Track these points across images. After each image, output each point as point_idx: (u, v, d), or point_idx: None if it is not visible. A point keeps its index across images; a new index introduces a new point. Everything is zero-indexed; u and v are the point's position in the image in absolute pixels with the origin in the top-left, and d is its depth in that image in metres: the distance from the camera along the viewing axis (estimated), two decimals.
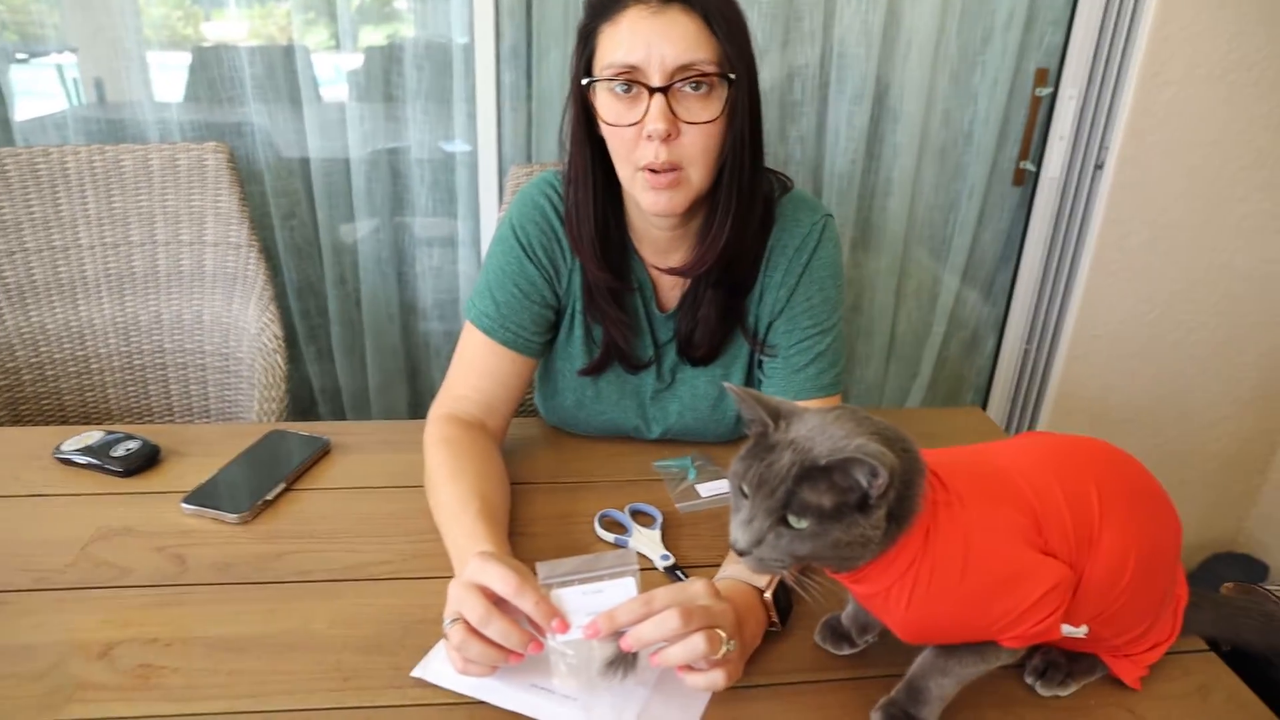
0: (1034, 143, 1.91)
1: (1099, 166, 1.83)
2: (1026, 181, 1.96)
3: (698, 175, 0.94)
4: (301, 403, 2.04)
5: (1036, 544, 0.70)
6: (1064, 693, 0.79)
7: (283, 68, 1.76)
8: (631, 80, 0.91)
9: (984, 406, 2.18)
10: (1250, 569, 2.15)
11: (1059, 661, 0.80)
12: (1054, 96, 1.87)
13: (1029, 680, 0.80)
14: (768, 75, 1.78)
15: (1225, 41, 1.70)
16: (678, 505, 1.05)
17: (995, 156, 1.92)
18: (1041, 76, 1.86)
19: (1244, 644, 0.89)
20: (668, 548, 0.96)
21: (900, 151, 1.88)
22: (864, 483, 0.61)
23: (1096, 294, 1.91)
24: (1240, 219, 1.87)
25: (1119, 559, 0.72)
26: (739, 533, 0.65)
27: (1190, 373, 2.02)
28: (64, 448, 1.08)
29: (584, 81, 0.95)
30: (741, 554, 0.66)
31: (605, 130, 0.95)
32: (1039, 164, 1.92)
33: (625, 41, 0.90)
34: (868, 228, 1.97)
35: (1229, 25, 1.69)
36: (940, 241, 2.01)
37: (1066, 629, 0.73)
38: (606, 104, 0.94)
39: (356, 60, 1.78)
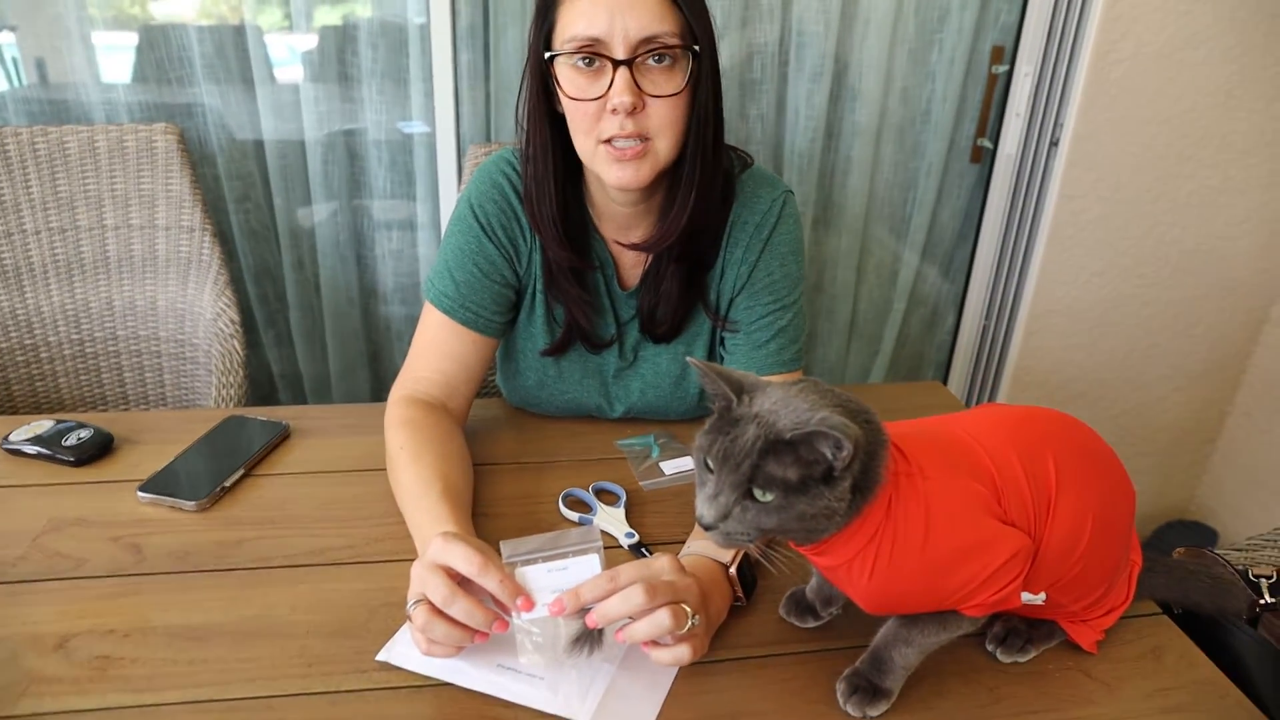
0: (991, 120, 1.93)
1: (1054, 143, 1.85)
2: (984, 159, 1.98)
3: (664, 147, 0.94)
4: (261, 389, 2.01)
5: (996, 513, 0.71)
6: (1023, 658, 0.81)
7: (234, 47, 1.72)
8: (594, 53, 0.90)
9: (944, 381, 2.21)
10: (1201, 536, 2.22)
11: (1019, 628, 0.82)
12: (1010, 74, 1.89)
13: (990, 647, 0.82)
14: (727, 54, 1.77)
15: (1174, 20, 1.73)
16: (641, 483, 1.05)
17: (953, 134, 1.94)
18: (997, 54, 1.88)
19: (1194, 606, 0.91)
20: (632, 525, 0.97)
21: (859, 130, 1.89)
22: (829, 455, 0.61)
23: (1052, 269, 1.94)
24: (1189, 194, 1.91)
25: (1076, 526, 0.73)
26: (705, 507, 0.65)
27: (1143, 346, 2.06)
28: (12, 438, 1.05)
29: (546, 56, 0.94)
30: (708, 528, 0.66)
31: (566, 105, 0.94)
32: (996, 141, 1.94)
33: (587, 14, 0.89)
34: (828, 206, 1.98)
35: (1177, 4, 1.71)
36: (900, 219, 2.03)
37: (1025, 596, 0.74)
38: (568, 78, 0.93)
39: (311, 40, 1.74)
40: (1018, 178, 1.94)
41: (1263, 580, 0.95)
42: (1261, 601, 0.93)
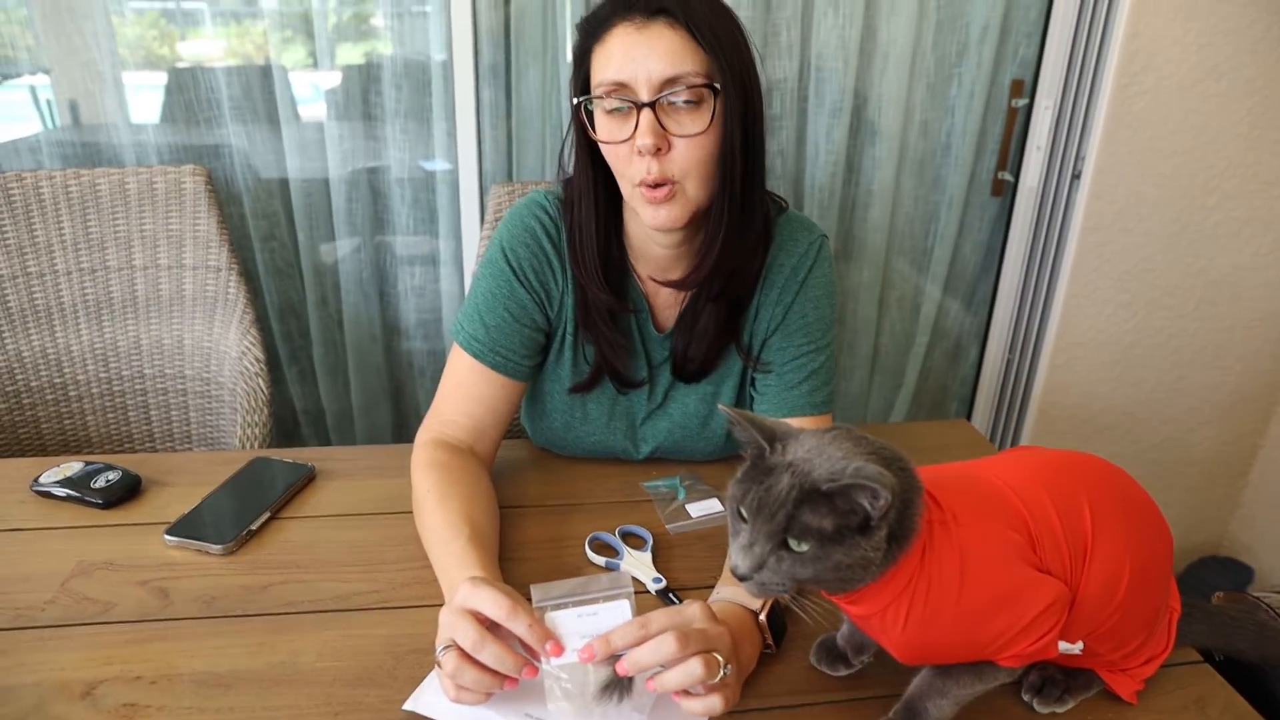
0: (1011, 153, 1.93)
1: (1076, 176, 1.84)
2: (1005, 192, 1.98)
3: (693, 188, 0.94)
4: (285, 425, 2.02)
5: (1032, 561, 0.70)
6: (1061, 709, 0.79)
7: (260, 88, 1.75)
8: (622, 97, 0.91)
9: (968, 416, 2.19)
10: (1235, 572, 2.17)
11: (1056, 678, 0.80)
12: (1030, 107, 1.89)
13: (1026, 697, 0.80)
14: None
15: (1195, 52, 1.72)
16: (668, 526, 1.04)
17: (974, 167, 1.94)
18: (1017, 88, 1.88)
19: (1237, 654, 0.89)
20: (659, 570, 0.96)
21: (880, 164, 1.89)
22: (867, 506, 0.61)
23: (1076, 302, 1.93)
24: (1214, 225, 1.89)
25: (1113, 574, 0.72)
26: (740, 558, 0.65)
27: (1171, 378, 2.04)
28: (42, 480, 1.06)
29: (575, 101, 0.95)
30: (742, 579, 0.65)
31: (603, 148, 0.96)
32: (1017, 174, 1.94)
33: (614, 59, 0.91)
34: (849, 240, 1.98)
35: (1198, 36, 1.71)
36: (921, 253, 2.03)
37: (1062, 646, 0.72)
38: (601, 122, 0.95)
39: (335, 79, 1.77)
40: (1039, 210, 1.93)
41: None
42: None
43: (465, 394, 1.06)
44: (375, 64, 1.76)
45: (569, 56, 1.44)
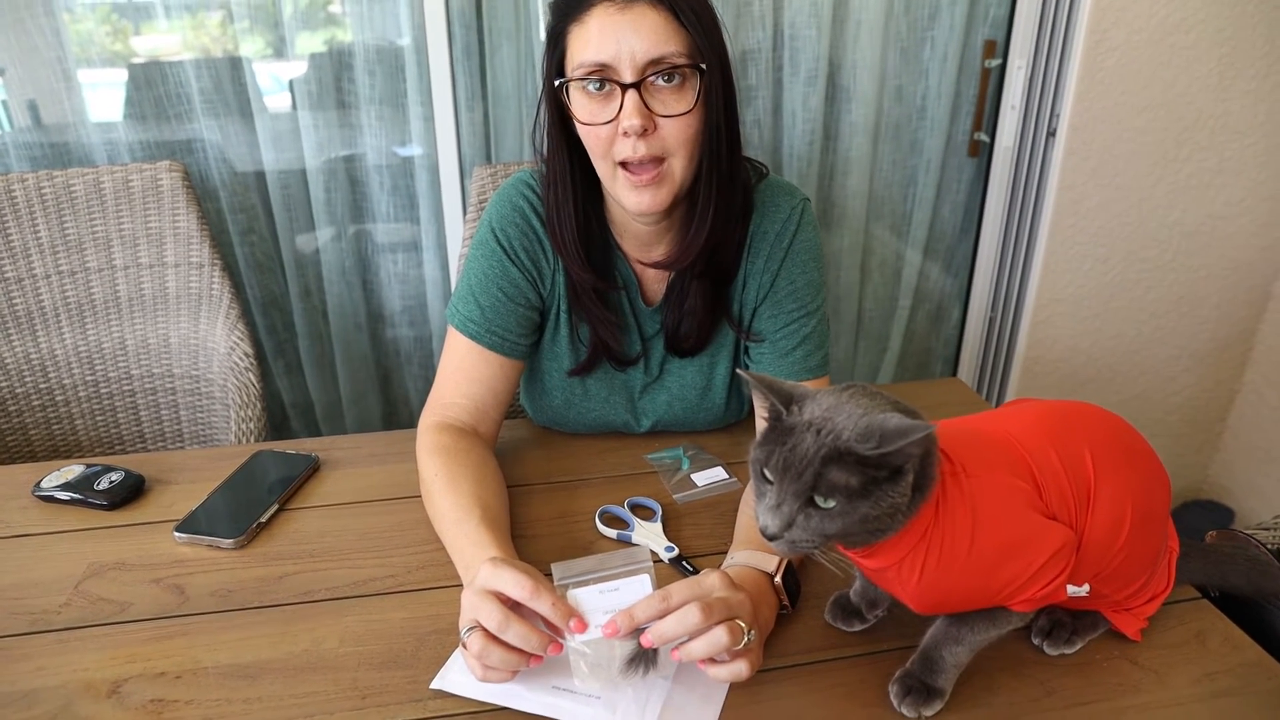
0: (986, 114, 1.95)
1: (1051, 134, 1.86)
2: (981, 153, 1.99)
3: (679, 167, 0.94)
4: (274, 418, 2.01)
5: (1039, 508, 0.72)
6: (1070, 650, 0.82)
7: (230, 80, 1.72)
8: (603, 78, 0.91)
9: (954, 376, 2.22)
10: (1218, 515, 2.23)
11: (1063, 620, 0.83)
12: (1003, 68, 1.90)
13: (1036, 641, 0.82)
14: None
15: (1163, 5, 1.74)
16: (675, 496, 1.05)
17: (949, 130, 1.95)
18: (990, 48, 1.89)
19: (1232, 588, 0.92)
20: (670, 539, 0.97)
21: (856, 130, 1.90)
22: (915, 454, 0.63)
23: (1055, 259, 1.96)
24: (1187, 177, 1.92)
25: (1116, 517, 0.74)
26: (768, 518, 0.66)
27: (1149, 329, 2.08)
28: (44, 484, 1.05)
29: (556, 83, 0.95)
30: (772, 539, 0.66)
31: (581, 130, 0.95)
32: (992, 135, 1.96)
33: (594, 40, 0.90)
34: (829, 207, 1.99)
35: None
36: (901, 217, 2.04)
37: (1070, 589, 0.75)
38: (580, 103, 0.94)
39: (305, 68, 1.74)
40: (1016, 170, 1.95)
41: None
42: None
43: (464, 376, 1.07)
44: (347, 50, 1.74)
45: (543, 35, 1.43)
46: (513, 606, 0.75)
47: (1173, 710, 0.76)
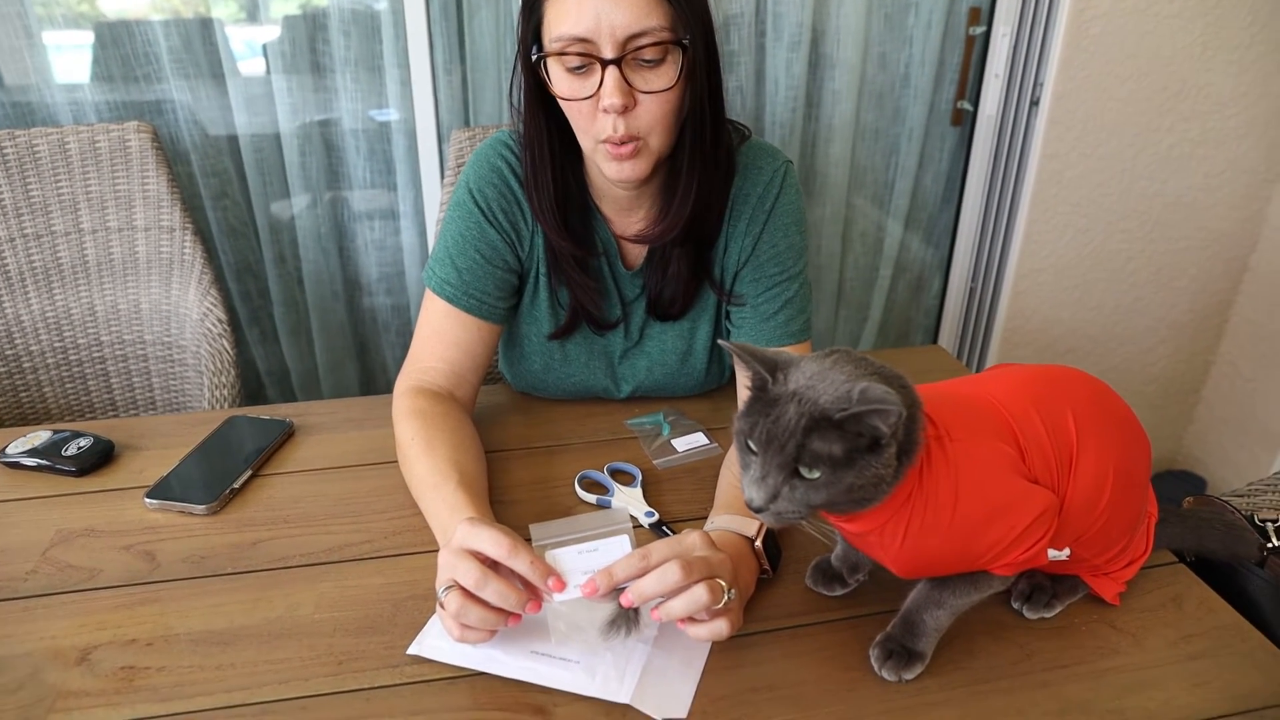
0: (970, 82, 1.93)
1: (1034, 103, 1.86)
2: (964, 121, 1.98)
3: (657, 142, 0.92)
4: (249, 387, 1.98)
5: (1022, 472, 0.71)
6: (1049, 614, 0.82)
7: (201, 41, 1.68)
8: (582, 53, 0.87)
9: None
10: (1191, 485, 2.26)
11: (1043, 584, 0.83)
12: (988, 35, 1.89)
13: (1015, 605, 0.82)
14: None
15: None
16: (655, 462, 1.05)
17: (933, 98, 1.94)
18: (974, 15, 1.87)
19: (1208, 553, 0.92)
20: (650, 504, 0.96)
21: (839, 97, 1.88)
22: (882, 429, 0.61)
23: (1037, 228, 1.95)
24: (1169, 148, 1.92)
25: (1097, 482, 0.74)
26: (753, 490, 0.65)
27: (1128, 300, 2.09)
28: (10, 450, 1.03)
29: (533, 58, 0.91)
30: (758, 510, 0.65)
31: (563, 105, 0.92)
32: (976, 103, 1.94)
33: (573, 12, 0.85)
34: (811, 175, 1.97)
35: None
36: (883, 185, 2.03)
37: (1051, 553, 0.74)
38: (559, 78, 0.90)
39: (280, 31, 1.70)
40: (999, 139, 1.94)
41: (1269, 524, 0.97)
42: (1269, 545, 0.94)
43: (441, 340, 1.05)
44: (321, 13, 1.70)
45: None
46: (491, 566, 0.74)
47: (1150, 672, 0.77)
